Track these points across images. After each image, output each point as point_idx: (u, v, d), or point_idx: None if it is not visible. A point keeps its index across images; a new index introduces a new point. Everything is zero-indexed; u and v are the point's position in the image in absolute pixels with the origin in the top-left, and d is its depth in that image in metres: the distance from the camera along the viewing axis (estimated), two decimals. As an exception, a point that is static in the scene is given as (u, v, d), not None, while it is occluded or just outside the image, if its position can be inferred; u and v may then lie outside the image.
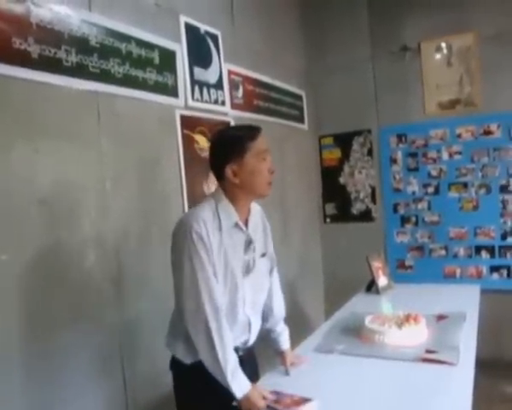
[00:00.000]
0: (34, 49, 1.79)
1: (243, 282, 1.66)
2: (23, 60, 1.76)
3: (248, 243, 1.69)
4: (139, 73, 2.32)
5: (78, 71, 1.98)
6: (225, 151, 1.62)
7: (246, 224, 1.69)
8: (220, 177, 1.64)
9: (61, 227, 1.92)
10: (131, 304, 2.20)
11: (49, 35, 1.86)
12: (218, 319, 1.53)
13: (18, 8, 1.75)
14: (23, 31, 1.76)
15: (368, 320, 2.13)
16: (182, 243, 1.55)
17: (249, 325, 1.71)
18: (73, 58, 1.96)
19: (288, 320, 1.98)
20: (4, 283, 1.68)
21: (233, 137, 1.66)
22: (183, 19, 2.67)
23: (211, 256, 1.55)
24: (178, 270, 1.57)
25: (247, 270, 1.69)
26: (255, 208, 1.78)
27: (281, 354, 1.89)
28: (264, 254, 1.78)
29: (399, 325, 2.03)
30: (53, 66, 1.87)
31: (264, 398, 1.55)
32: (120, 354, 2.13)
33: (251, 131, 1.65)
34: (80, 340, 1.94)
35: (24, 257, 1.76)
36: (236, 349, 1.65)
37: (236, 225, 1.64)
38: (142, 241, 2.29)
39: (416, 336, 2.00)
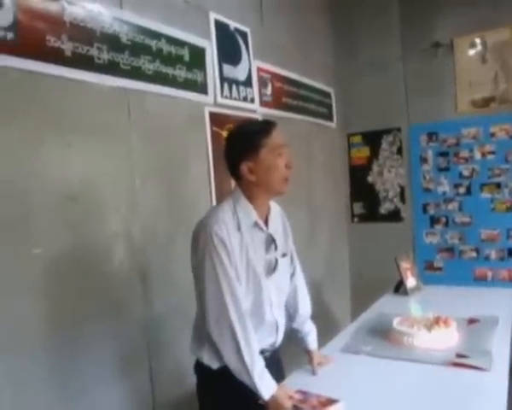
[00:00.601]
0: (67, 47, 1.82)
1: (267, 282, 1.63)
2: (57, 57, 1.79)
3: (270, 242, 1.66)
4: (169, 70, 2.33)
5: (110, 68, 2.01)
6: (240, 148, 1.58)
7: (266, 223, 1.66)
8: (236, 175, 1.62)
9: (91, 222, 1.95)
10: (158, 300, 2.23)
11: (82, 33, 1.89)
12: (243, 322, 1.50)
13: (52, 7, 1.78)
14: (57, 29, 1.79)
15: (396, 322, 2.09)
16: (203, 245, 1.52)
17: (276, 326, 1.69)
18: (105, 55, 1.98)
19: (314, 320, 1.96)
20: (36, 275, 1.73)
21: (247, 134, 1.61)
22: (212, 16, 2.67)
23: (232, 258, 1.51)
24: (200, 273, 1.54)
25: (270, 270, 1.65)
26: (275, 208, 1.74)
27: (308, 354, 1.87)
28: (284, 255, 1.75)
29: (429, 327, 1.98)
30: (85, 63, 1.90)
31: (291, 398, 1.54)
32: (147, 350, 2.16)
33: (265, 127, 1.61)
34: (107, 333, 1.98)
35: (55, 251, 1.79)
36: (262, 351, 1.64)
37: (256, 224, 1.61)
38: (170, 237, 2.31)
39: (446, 339, 1.96)
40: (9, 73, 1.66)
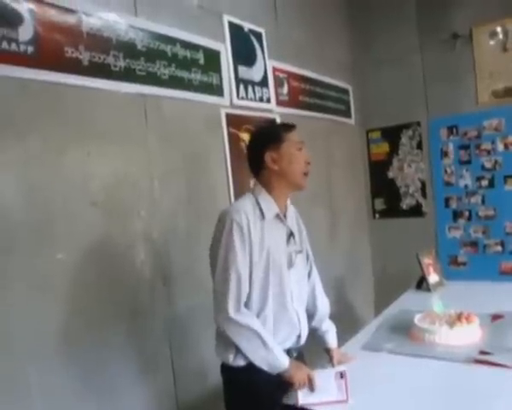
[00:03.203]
0: (85, 57, 1.88)
1: (289, 274, 1.69)
2: (75, 67, 1.85)
3: (289, 235, 1.73)
4: (184, 74, 2.37)
5: (126, 75, 2.05)
6: (264, 141, 1.70)
7: (284, 217, 1.74)
8: (259, 166, 1.70)
9: (113, 226, 2.00)
10: (181, 300, 2.26)
11: (99, 42, 1.94)
12: (241, 306, 1.58)
13: (70, 19, 1.84)
14: (75, 40, 1.85)
15: (417, 318, 2.07)
16: (221, 230, 1.61)
17: (298, 317, 1.73)
18: (121, 63, 2.03)
19: (337, 317, 1.96)
20: (60, 280, 1.78)
21: (270, 129, 1.83)
22: (226, 18, 2.70)
23: (247, 245, 1.58)
24: (214, 259, 1.63)
25: (291, 262, 1.72)
26: (291, 209, 1.83)
27: (328, 352, 1.89)
28: (300, 251, 1.80)
29: (451, 324, 1.96)
30: (102, 71, 1.95)
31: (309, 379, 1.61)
32: (170, 350, 2.20)
33: (285, 125, 1.76)
34: (131, 335, 2.02)
35: (78, 256, 1.85)
36: (289, 351, 1.69)
37: (277, 216, 1.68)
38: (191, 237, 2.34)
39: (469, 336, 1.93)
40: (31, 85, 1.72)
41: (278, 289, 1.66)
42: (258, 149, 1.69)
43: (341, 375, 1.59)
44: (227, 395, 1.72)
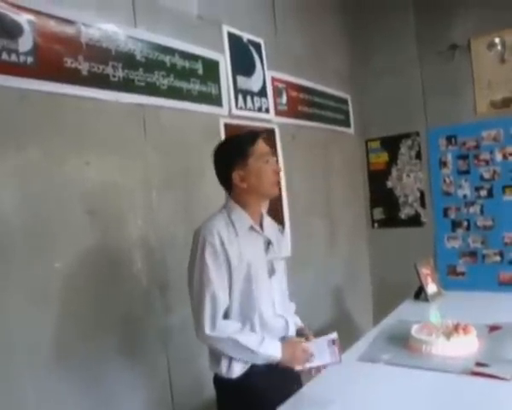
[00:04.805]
0: (84, 67, 1.90)
1: (270, 283, 1.70)
2: (74, 78, 1.86)
3: (267, 244, 1.73)
4: (183, 85, 2.38)
5: (125, 85, 2.07)
6: (229, 159, 1.68)
7: (261, 227, 1.74)
8: (228, 185, 1.70)
9: (110, 235, 2.01)
10: (178, 310, 2.25)
11: (98, 52, 1.96)
12: (216, 323, 1.58)
13: (69, 30, 1.86)
14: (74, 50, 1.87)
15: (414, 329, 2.06)
16: (194, 251, 1.62)
17: (285, 323, 1.74)
18: (120, 73, 2.04)
19: (335, 326, 1.96)
20: (57, 288, 1.79)
21: (234, 145, 1.73)
22: (225, 29, 2.72)
23: (222, 262, 1.59)
24: (190, 279, 1.65)
25: (272, 271, 1.73)
26: (268, 219, 1.82)
27: (302, 335, 1.83)
28: (281, 258, 1.81)
29: (448, 335, 1.95)
30: (101, 81, 1.97)
31: (305, 351, 1.63)
32: (167, 358, 2.19)
33: (250, 137, 1.71)
34: (128, 342, 2.02)
35: (76, 264, 1.85)
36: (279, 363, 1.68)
37: (252, 228, 1.69)
38: (188, 247, 2.33)
39: (466, 347, 1.92)
40: (30, 96, 1.73)
41: (261, 297, 1.66)
42: (225, 169, 1.69)
43: (333, 341, 1.66)
44: (220, 406, 1.73)
